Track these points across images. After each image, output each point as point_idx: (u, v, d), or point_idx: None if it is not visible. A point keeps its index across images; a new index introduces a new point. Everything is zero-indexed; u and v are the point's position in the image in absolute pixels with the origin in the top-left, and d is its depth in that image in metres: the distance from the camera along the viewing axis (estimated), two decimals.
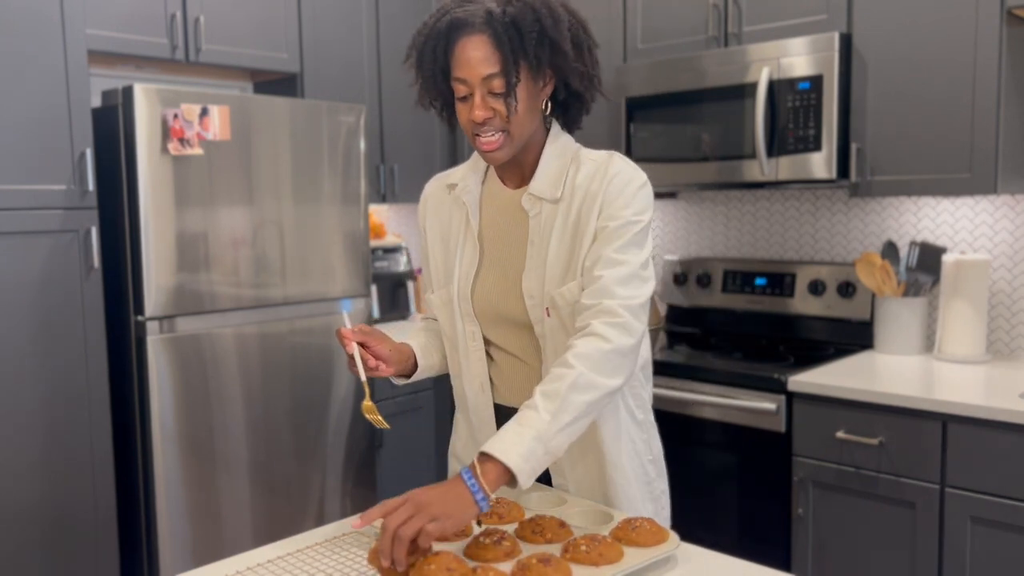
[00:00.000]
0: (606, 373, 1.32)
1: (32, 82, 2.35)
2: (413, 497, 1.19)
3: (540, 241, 1.46)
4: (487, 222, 1.54)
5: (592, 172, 1.45)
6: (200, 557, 2.65)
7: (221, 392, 2.69)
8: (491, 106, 1.38)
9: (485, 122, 1.39)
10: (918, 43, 2.47)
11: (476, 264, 1.52)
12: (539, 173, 1.47)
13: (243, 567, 1.28)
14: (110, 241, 2.59)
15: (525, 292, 1.47)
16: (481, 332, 1.54)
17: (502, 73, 1.36)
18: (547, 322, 1.46)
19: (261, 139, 2.74)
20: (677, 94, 2.88)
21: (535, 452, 1.24)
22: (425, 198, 1.64)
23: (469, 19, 1.37)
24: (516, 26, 1.36)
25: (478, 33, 1.36)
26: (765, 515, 2.53)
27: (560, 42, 1.37)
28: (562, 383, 1.29)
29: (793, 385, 2.43)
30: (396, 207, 3.97)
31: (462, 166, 1.61)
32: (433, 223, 1.61)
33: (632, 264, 1.39)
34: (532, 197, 1.47)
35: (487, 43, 1.36)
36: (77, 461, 2.48)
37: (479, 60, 1.36)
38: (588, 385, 1.30)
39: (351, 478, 3.06)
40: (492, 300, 1.51)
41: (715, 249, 3.32)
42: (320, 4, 3.23)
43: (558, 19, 1.37)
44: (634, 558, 1.22)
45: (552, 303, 1.44)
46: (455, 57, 1.38)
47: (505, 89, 1.36)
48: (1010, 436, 2.08)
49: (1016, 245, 2.64)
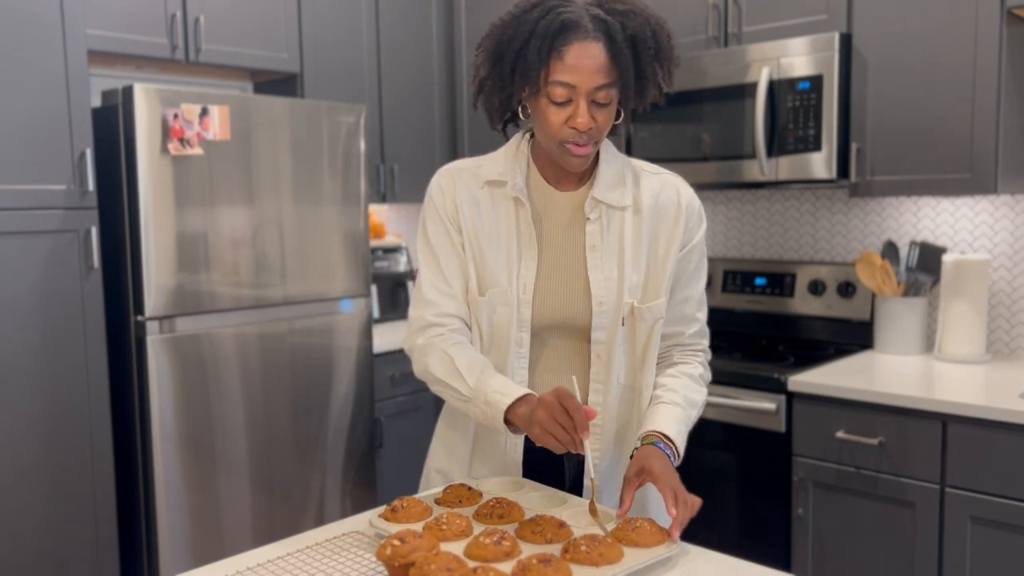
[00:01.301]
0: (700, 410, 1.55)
1: (32, 82, 2.35)
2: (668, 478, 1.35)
3: (606, 247, 1.46)
4: (543, 224, 1.49)
5: (665, 192, 1.51)
6: (200, 557, 2.65)
7: (221, 392, 2.69)
8: (593, 115, 1.36)
9: (586, 131, 1.36)
10: (918, 43, 2.47)
11: (535, 267, 1.47)
12: (601, 178, 1.47)
13: (243, 567, 1.28)
14: (110, 241, 2.59)
15: (595, 298, 1.45)
16: (529, 338, 1.47)
17: (615, 85, 1.35)
18: (619, 332, 1.46)
19: (261, 139, 2.74)
20: (677, 94, 2.86)
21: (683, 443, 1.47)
22: (450, 187, 1.50)
23: (581, 22, 1.33)
24: (634, 42, 1.35)
25: (593, 40, 1.33)
26: (765, 515, 2.53)
27: (667, 64, 1.40)
28: (700, 398, 1.53)
29: (793, 385, 2.43)
30: (396, 207, 3.97)
31: (491, 159, 1.52)
32: (468, 218, 1.48)
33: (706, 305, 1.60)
34: (595, 201, 1.46)
35: (603, 52, 1.33)
36: (77, 461, 2.48)
37: (594, 69, 1.33)
38: (702, 408, 1.56)
39: (351, 478, 3.06)
40: (551, 305, 1.46)
41: (715, 249, 3.32)
42: (320, 4, 3.23)
43: (668, 42, 1.39)
44: (634, 558, 1.22)
45: (634, 314, 1.46)
46: (565, 60, 1.33)
47: (610, 101, 1.36)
48: (1010, 436, 2.08)
49: (1016, 245, 2.64)
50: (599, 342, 1.46)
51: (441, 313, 1.49)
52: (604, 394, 1.49)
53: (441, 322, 1.49)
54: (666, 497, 1.32)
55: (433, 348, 1.45)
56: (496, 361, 1.47)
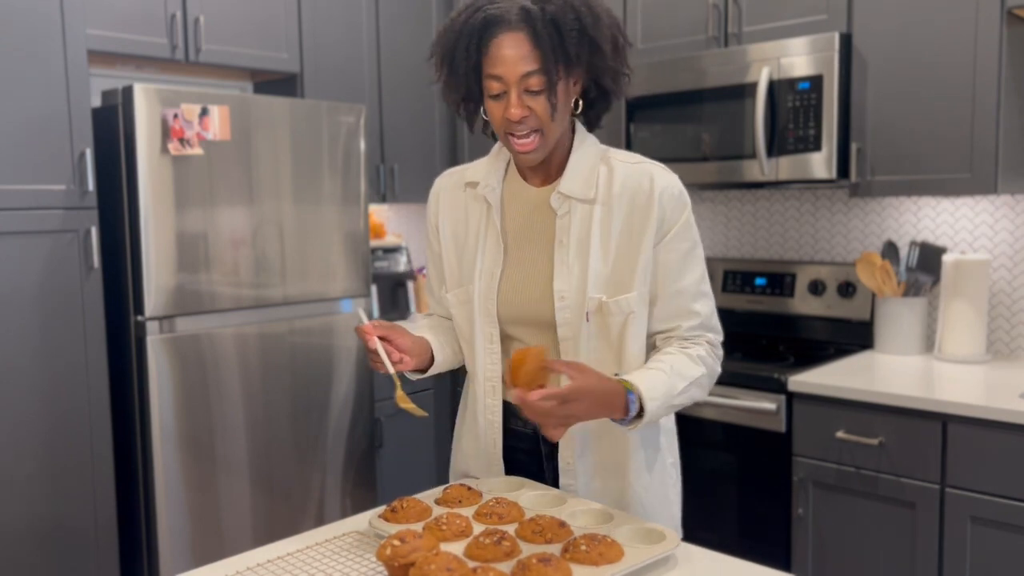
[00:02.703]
0: (708, 388, 1.50)
1: (32, 82, 2.35)
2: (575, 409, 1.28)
3: (574, 242, 1.45)
4: (510, 220, 1.52)
5: (633, 180, 1.45)
6: (200, 557, 2.65)
7: (221, 392, 2.69)
8: (527, 104, 1.37)
9: (521, 121, 1.38)
10: (918, 43, 2.46)
11: (501, 264, 1.50)
12: (569, 172, 1.47)
13: (243, 567, 1.28)
14: (110, 241, 2.59)
15: (556, 293, 1.45)
16: (499, 334, 1.52)
17: (541, 71, 1.35)
18: (584, 327, 1.45)
19: (261, 139, 2.74)
20: (677, 94, 2.87)
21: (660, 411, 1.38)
22: (437, 194, 1.61)
23: (505, 16, 1.35)
24: (556, 24, 1.35)
25: (515, 30, 1.35)
26: (765, 515, 2.53)
27: (600, 41, 1.37)
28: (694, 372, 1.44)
29: (793, 385, 2.43)
30: (396, 207, 3.97)
31: (478, 162, 1.59)
32: (447, 220, 1.58)
33: (710, 294, 1.51)
34: (561, 196, 1.46)
35: (526, 41, 1.35)
36: (77, 461, 2.48)
37: (518, 58, 1.35)
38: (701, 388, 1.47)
39: (351, 478, 3.06)
40: (516, 301, 1.49)
41: (715, 249, 3.32)
42: (320, 4, 3.23)
43: (597, 17, 1.37)
44: (634, 558, 1.22)
45: (600, 309, 1.44)
46: (490, 54, 1.37)
47: (544, 87, 1.36)
48: (1010, 436, 2.08)
49: (1016, 245, 2.64)
50: (566, 338, 1.47)
51: (430, 314, 1.71)
52: None
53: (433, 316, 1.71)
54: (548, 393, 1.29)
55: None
56: (469, 355, 1.57)
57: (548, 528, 1.29)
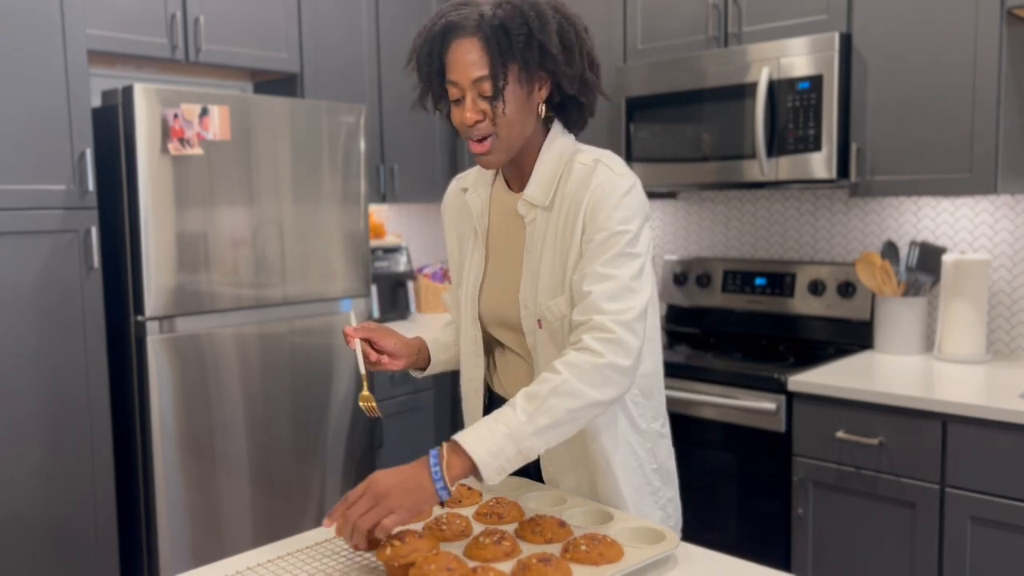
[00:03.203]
0: (594, 385, 1.29)
1: (32, 82, 2.35)
2: (373, 486, 1.21)
3: (534, 250, 1.47)
4: (494, 227, 1.55)
5: (578, 180, 1.43)
6: (200, 557, 2.65)
7: (221, 392, 2.69)
8: (481, 108, 1.39)
9: (475, 124, 1.40)
10: (918, 43, 2.47)
11: (482, 270, 1.55)
12: (533, 178, 1.47)
13: (243, 567, 1.28)
14: (110, 241, 2.59)
15: (520, 301, 1.48)
16: (483, 337, 1.57)
17: (490, 76, 1.37)
18: (538, 334, 1.46)
19: (261, 139, 2.74)
20: (677, 94, 2.87)
21: (504, 450, 1.23)
22: (446, 198, 1.68)
23: (462, 22, 1.38)
24: (504, 28, 1.36)
25: (469, 36, 1.38)
26: (765, 515, 2.53)
27: (547, 45, 1.37)
28: (545, 386, 1.27)
29: (793, 385, 2.43)
30: (396, 207, 3.97)
31: (476, 168, 1.62)
32: (451, 224, 1.65)
33: (621, 277, 1.34)
34: (526, 203, 1.48)
35: (477, 46, 1.37)
36: (77, 461, 2.48)
37: (469, 63, 1.37)
38: (571, 392, 1.27)
39: (351, 478, 3.06)
40: (493, 305, 1.54)
41: (715, 249, 3.32)
42: (320, 4, 3.23)
43: (545, 21, 1.37)
44: (634, 558, 1.22)
45: (543, 316, 1.45)
46: (448, 60, 1.40)
47: (492, 92, 1.37)
48: (1010, 436, 2.08)
49: (1016, 245, 2.64)
50: (531, 344, 1.49)
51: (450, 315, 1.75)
52: None
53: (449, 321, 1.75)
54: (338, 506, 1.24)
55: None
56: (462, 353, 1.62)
57: (548, 528, 1.29)
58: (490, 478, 1.23)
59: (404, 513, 1.19)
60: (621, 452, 1.48)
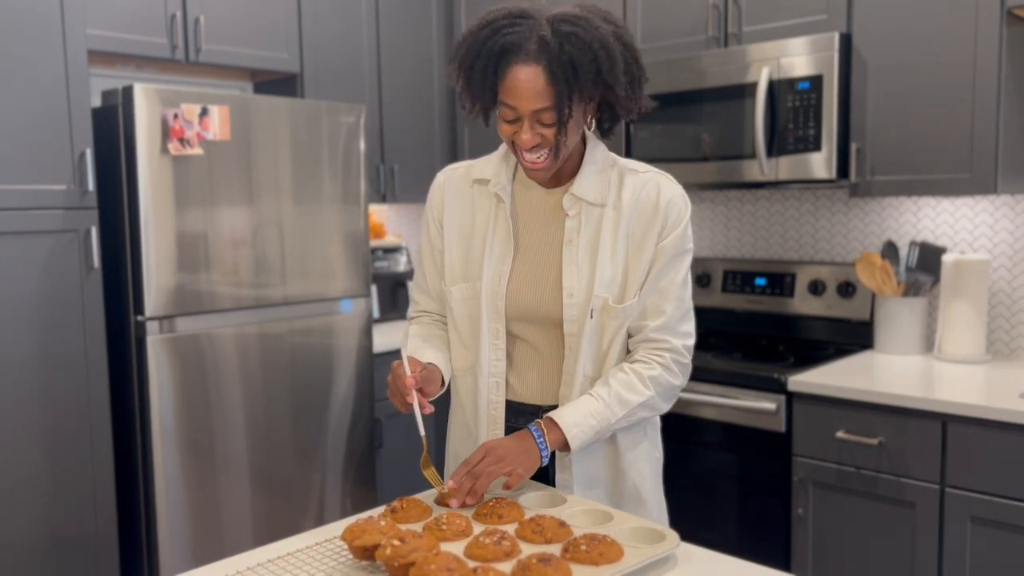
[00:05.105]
0: (666, 401, 1.54)
1: (32, 82, 2.35)
2: (492, 451, 1.40)
3: (583, 243, 1.49)
4: (518, 218, 1.55)
5: (644, 190, 1.50)
6: (200, 557, 2.65)
7: (221, 392, 2.69)
8: (539, 133, 1.39)
9: (531, 148, 1.41)
10: (918, 43, 2.47)
11: (510, 261, 1.52)
12: (582, 177, 1.50)
13: (243, 567, 1.28)
14: (110, 241, 2.59)
15: (565, 290, 1.48)
16: (505, 329, 1.54)
17: (554, 108, 1.36)
18: (588, 324, 1.48)
19: (261, 139, 2.74)
20: (677, 94, 2.87)
21: (589, 437, 1.47)
22: (441, 186, 1.61)
23: (523, 44, 1.35)
24: (574, 66, 1.34)
25: (533, 63, 1.35)
26: (765, 515, 2.53)
27: (614, 85, 1.38)
28: (636, 397, 1.48)
29: (793, 385, 2.43)
30: (396, 207, 3.97)
31: (485, 160, 1.60)
32: (452, 215, 1.58)
33: (688, 300, 1.54)
34: (574, 198, 1.49)
35: (542, 76, 1.34)
36: (77, 461, 2.48)
37: (533, 94, 1.35)
38: (653, 407, 1.52)
39: (351, 478, 3.06)
40: (524, 297, 1.52)
41: (715, 249, 3.32)
42: (320, 4, 3.23)
43: (614, 61, 1.36)
44: (634, 558, 1.22)
45: (605, 309, 1.48)
46: (506, 83, 1.37)
47: (554, 123, 1.37)
48: (1010, 436, 2.08)
49: (1016, 245, 2.64)
50: (571, 334, 1.50)
51: (419, 310, 1.70)
52: (571, 386, 1.53)
53: (419, 318, 1.69)
54: (459, 470, 1.41)
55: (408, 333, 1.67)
56: (473, 351, 1.57)
57: (548, 528, 1.29)
58: (572, 452, 1.48)
59: (523, 471, 1.39)
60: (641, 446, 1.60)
